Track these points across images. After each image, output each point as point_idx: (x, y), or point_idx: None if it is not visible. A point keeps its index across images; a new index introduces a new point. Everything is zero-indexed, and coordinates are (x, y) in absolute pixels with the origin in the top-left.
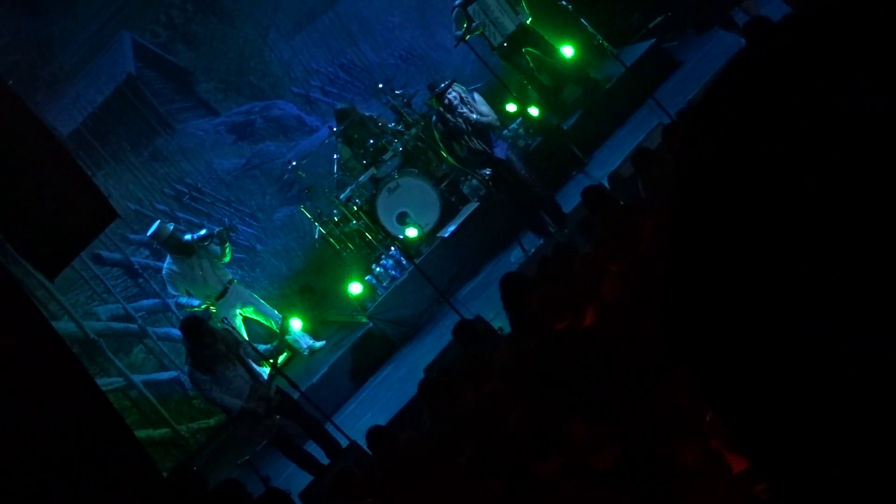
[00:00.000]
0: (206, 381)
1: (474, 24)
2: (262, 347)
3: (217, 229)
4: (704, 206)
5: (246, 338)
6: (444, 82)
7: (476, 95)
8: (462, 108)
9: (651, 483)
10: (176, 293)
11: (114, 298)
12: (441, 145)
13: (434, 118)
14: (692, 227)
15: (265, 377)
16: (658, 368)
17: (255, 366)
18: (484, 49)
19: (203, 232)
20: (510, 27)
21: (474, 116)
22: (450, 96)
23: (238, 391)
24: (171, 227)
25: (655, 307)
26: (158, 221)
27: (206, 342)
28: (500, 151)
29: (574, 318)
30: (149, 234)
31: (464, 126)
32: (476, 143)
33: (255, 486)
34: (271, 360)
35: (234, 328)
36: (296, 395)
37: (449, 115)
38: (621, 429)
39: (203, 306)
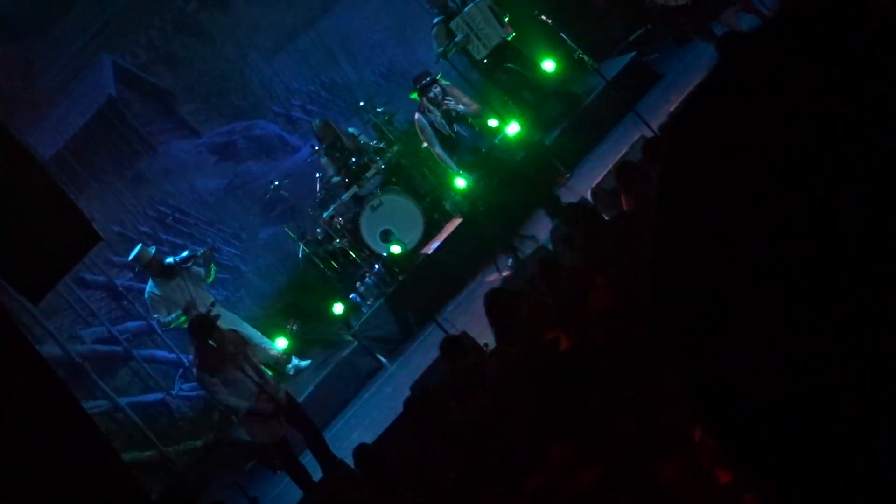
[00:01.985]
0: (215, 382)
1: (457, 39)
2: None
3: (200, 250)
4: (688, 218)
5: None
6: (427, 77)
7: (457, 88)
8: (447, 100)
9: (636, 499)
10: (158, 316)
11: (98, 321)
12: (428, 141)
13: (417, 114)
14: (676, 240)
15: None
16: (645, 381)
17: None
18: (465, 65)
19: (186, 253)
20: (495, 40)
21: (461, 107)
22: (434, 90)
23: (247, 392)
24: (153, 251)
25: (642, 319)
26: (140, 245)
27: (214, 342)
28: (483, 144)
29: (561, 330)
30: (130, 258)
31: (452, 115)
32: (462, 131)
33: None
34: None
35: None
36: None
37: (433, 107)
38: (607, 444)
39: (182, 318)
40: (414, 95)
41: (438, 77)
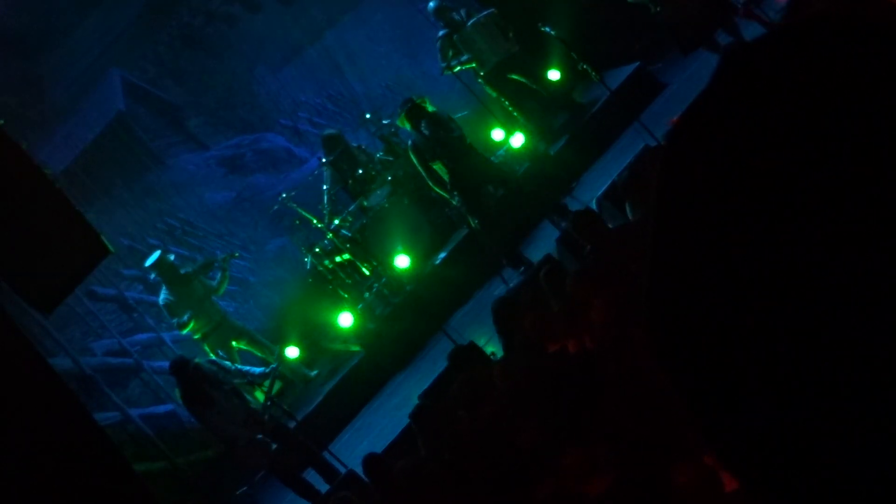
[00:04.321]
0: (212, 414)
1: (463, 58)
2: (256, 370)
3: (221, 255)
4: (684, 224)
5: (240, 366)
6: (409, 102)
7: (446, 114)
8: (424, 130)
9: None
10: (175, 321)
11: (109, 333)
12: (419, 166)
13: (409, 141)
14: (672, 246)
15: (258, 402)
16: (650, 389)
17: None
18: (470, 77)
19: (202, 261)
20: (498, 56)
21: (442, 132)
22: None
23: (237, 420)
24: (172, 257)
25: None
26: (159, 251)
27: (197, 380)
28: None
29: (565, 340)
30: (149, 263)
31: (432, 142)
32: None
33: None
34: (265, 390)
35: (225, 360)
36: (292, 425)
37: (417, 132)
38: (615, 453)
39: (192, 324)
40: (401, 122)
41: (423, 102)
